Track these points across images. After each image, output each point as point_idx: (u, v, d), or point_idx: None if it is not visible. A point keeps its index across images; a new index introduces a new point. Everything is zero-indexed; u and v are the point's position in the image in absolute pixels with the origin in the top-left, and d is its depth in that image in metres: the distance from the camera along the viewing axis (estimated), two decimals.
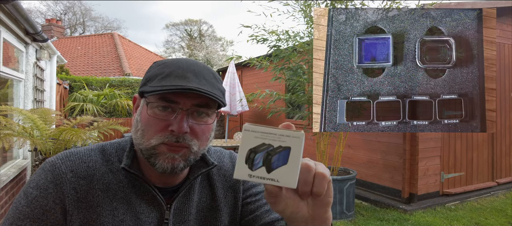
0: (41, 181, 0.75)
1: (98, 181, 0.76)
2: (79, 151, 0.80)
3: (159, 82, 0.72)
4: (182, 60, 0.78)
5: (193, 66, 0.76)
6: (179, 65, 0.75)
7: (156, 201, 0.79)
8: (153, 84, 0.73)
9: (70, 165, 0.76)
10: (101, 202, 0.75)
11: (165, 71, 0.74)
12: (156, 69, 0.77)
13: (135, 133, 0.77)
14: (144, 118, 0.75)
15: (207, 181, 0.89)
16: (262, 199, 0.92)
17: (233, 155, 0.97)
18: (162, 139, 0.73)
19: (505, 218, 4.31)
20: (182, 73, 0.73)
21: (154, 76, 0.75)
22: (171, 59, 0.79)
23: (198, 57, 26.53)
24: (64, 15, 29.17)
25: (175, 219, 0.80)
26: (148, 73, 0.78)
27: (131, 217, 0.76)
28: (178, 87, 0.70)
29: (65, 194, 0.74)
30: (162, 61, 0.79)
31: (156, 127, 0.74)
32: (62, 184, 0.74)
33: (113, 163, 0.79)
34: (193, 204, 0.84)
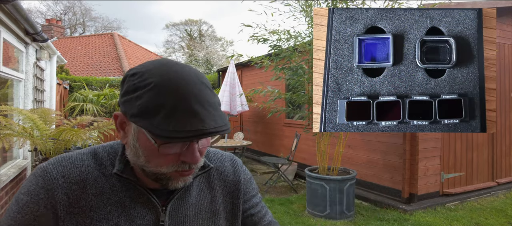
0: (32, 187, 0.74)
1: (91, 185, 0.76)
2: (71, 155, 0.79)
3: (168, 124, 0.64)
4: (172, 76, 0.68)
5: (193, 87, 0.67)
6: (179, 92, 0.66)
7: (151, 204, 0.78)
8: (160, 125, 0.64)
9: (62, 170, 0.75)
10: (94, 207, 0.74)
11: (166, 103, 0.65)
12: (149, 95, 0.66)
13: (136, 157, 0.73)
14: (149, 151, 0.71)
15: (206, 184, 0.89)
16: (261, 210, 0.97)
17: (235, 159, 0.98)
18: (175, 168, 0.72)
19: (505, 218, 4.31)
20: (188, 107, 0.65)
21: (154, 110, 0.65)
22: (155, 71, 0.69)
23: (198, 57, 26.50)
24: (64, 15, 29.17)
25: (170, 221, 0.80)
26: (140, 100, 0.66)
27: (125, 220, 0.76)
28: (198, 134, 0.64)
29: (56, 200, 0.73)
30: (146, 78, 0.68)
31: (166, 159, 0.71)
32: (53, 190, 0.73)
33: (105, 167, 0.78)
34: (189, 206, 0.83)
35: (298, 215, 4.50)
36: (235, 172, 0.94)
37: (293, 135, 6.69)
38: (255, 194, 0.98)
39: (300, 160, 6.87)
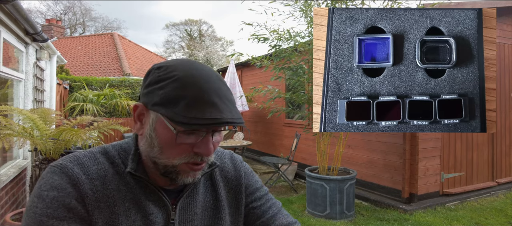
0: (56, 182, 0.72)
1: (110, 182, 0.76)
2: (84, 154, 0.79)
3: (189, 112, 0.68)
4: (195, 72, 0.73)
5: (213, 83, 0.72)
6: (200, 86, 0.71)
7: (162, 202, 0.80)
8: (181, 113, 0.68)
9: (81, 168, 0.75)
10: (117, 202, 0.75)
11: (188, 94, 0.69)
12: (172, 87, 0.71)
13: (150, 147, 0.76)
14: (166, 140, 0.73)
15: (210, 182, 0.91)
16: (266, 202, 0.96)
17: (234, 156, 1.00)
18: (186, 159, 0.74)
19: (505, 218, 4.31)
20: (208, 98, 0.70)
21: (176, 100, 0.70)
22: (180, 68, 0.74)
23: (198, 57, 26.52)
24: (64, 15, 29.18)
25: (180, 219, 0.82)
26: (163, 89, 0.71)
27: (142, 217, 0.77)
28: (216, 122, 0.68)
29: (83, 195, 0.72)
30: (171, 71, 0.73)
31: (180, 149, 0.73)
32: (79, 185, 0.72)
33: (118, 165, 0.79)
34: (197, 204, 0.86)
35: (298, 215, 4.50)
36: (236, 168, 0.97)
37: (293, 135, 6.69)
38: (259, 187, 0.99)
39: (300, 160, 6.87)
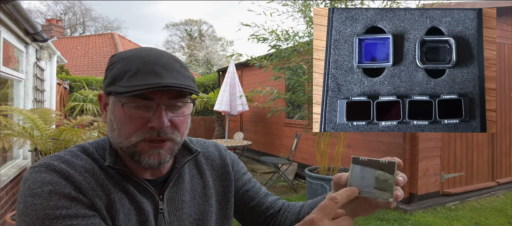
0: (47, 178, 0.68)
1: (99, 174, 0.75)
2: (65, 153, 0.76)
3: (130, 82, 0.70)
4: (144, 52, 0.75)
5: (159, 59, 0.74)
6: (145, 60, 0.73)
7: (148, 193, 0.79)
8: (124, 84, 0.70)
9: (67, 165, 0.72)
10: (111, 190, 0.74)
11: (132, 67, 0.71)
12: (120, 65, 0.73)
13: (111, 132, 0.76)
14: (119, 117, 0.73)
15: (196, 170, 0.91)
16: (255, 184, 1.02)
17: (217, 144, 1.02)
18: (143, 136, 0.73)
19: (505, 218, 4.31)
20: (151, 68, 0.71)
21: (121, 74, 0.72)
22: (131, 51, 0.76)
23: (198, 57, 26.51)
24: (64, 15, 29.19)
25: (169, 208, 0.81)
26: (112, 70, 0.74)
27: (135, 206, 0.76)
28: (155, 86, 0.68)
29: (78, 185, 0.70)
30: (122, 55, 0.76)
31: (134, 124, 0.73)
32: (71, 177, 0.70)
33: (98, 160, 0.77)
34: (185, 192, 0.85)
35: None
36: (221, 155, 0.98)
37: (293, 135, 6.69)
38: (245, 171, 1.02)
39: (300, 160, 6.87)
